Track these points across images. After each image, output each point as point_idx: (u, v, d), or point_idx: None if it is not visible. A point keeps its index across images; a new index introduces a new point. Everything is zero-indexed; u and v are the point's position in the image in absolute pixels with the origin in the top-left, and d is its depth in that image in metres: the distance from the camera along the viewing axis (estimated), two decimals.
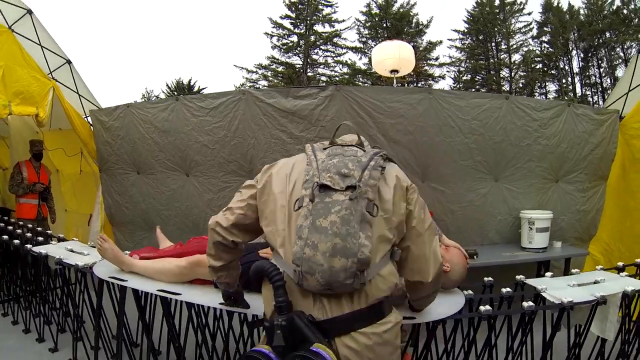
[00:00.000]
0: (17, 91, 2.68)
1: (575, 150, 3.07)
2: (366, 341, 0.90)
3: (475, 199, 2.88)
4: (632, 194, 3.11)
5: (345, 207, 0.88)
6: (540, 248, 2.83)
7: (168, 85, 21.50)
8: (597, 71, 15.31)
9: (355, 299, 0.90)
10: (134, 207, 3.16)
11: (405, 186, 0.98)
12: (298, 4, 15.97)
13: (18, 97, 2.69)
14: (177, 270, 1.59)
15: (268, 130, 2.78)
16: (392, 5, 16.54)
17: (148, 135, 2.99)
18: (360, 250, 0.87)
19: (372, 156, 0.96)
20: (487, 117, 2.76)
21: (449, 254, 1.64)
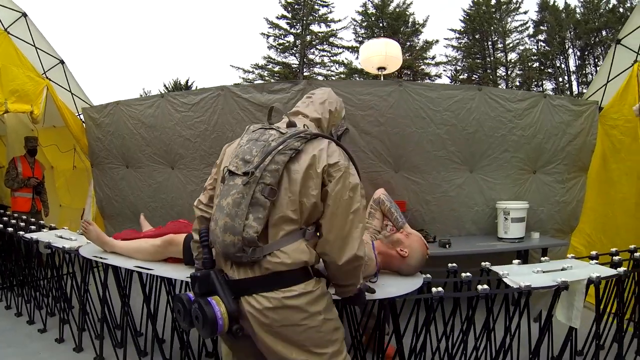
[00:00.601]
0: (13, 90, 2.73)
1: (552, 141, 2.93)
2: (266, 303, 0.95)
3: (450, 190, 2.78)
4: (613, 185, 2.96)
5: (238, 191, 0.94)
6: (516, 238, 2.71)
7: (165, 86, 20.77)
8: (593, 69, 14.76)
9: (255, 268, 0.96)
10: (123, 200, 3.16)
11: (323, 167, 0.96)
12: (294, 4, 15.56)
13: (14, 95, 2.73)
14: (152, 249, 1.64)
15: (245, 124, 2.62)
16: (388, 5, 16.11)
17: (136, 131, 2.99)
18: (245, 230, 0.92)
19: (284, 140, 0.96)
20: (459, 108, 2.66)
21: (409, 239, 1.60)
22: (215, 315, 0.92)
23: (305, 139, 0.98)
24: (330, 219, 0.97)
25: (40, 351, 2.16)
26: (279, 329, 0.98)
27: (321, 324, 1.02)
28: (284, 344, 0.99)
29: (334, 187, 0.95)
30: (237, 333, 0.96)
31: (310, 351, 1.02)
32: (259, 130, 1.04)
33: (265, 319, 0.96)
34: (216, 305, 0.93)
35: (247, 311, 0.97)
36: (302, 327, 0.99)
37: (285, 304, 0.96)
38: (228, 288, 0.96)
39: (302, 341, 1.00)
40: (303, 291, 0.98)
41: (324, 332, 1.03)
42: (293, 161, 0.95)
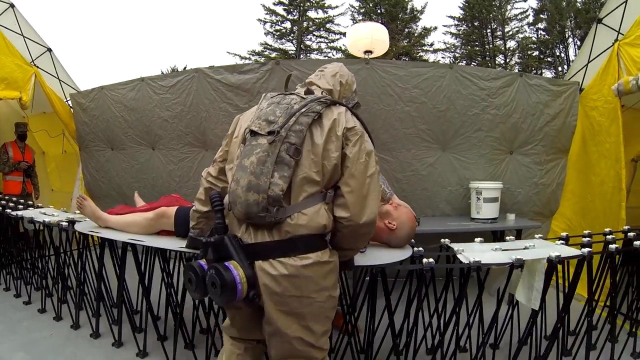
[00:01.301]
0: (2, 77, 2.71)
1: (529, 121, 2.72)
2: (282, 270, 0.90)
3: (421, 168, 2.61)
4: (591, 168, 2.72)
5: (263, 150, 0.90)
6: (488, 219, 2.52)
7: (163, 72, 19.89)
8: None
9: (275, 231, 0.91)
10: (109, 181, 3.12)
11: (342, 130, 0.94)
12: None
13: (3, 82, 2.71)
14: (145, 222, 1.59)
15: (217, 104, 2.66)
16: None
17: (119, 114, 2.94)
18: (270, 188, 0.88)
19: (306, 103, 0.94)
20: (429, 85, 2.49)
21: (397, 211, 1.49)
22: (235, 280, 0.86)
23: (326, 104, 0.96)
24: (349, 180, 0.93)
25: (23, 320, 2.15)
26: (288, 299, 0.92)
27: (326, 299, 0.98)
28: (285, 315, 0.94)
29: (352, 150, 0.93)
30: (253, 299, 0.90)
31: (308, 327, 0.97)
32: (278, 96, 1.01)
33: (277, 287, 0.91)
34: (234, 269, 0.87)
35: (260, 277, 0.91)
36: (310, 299, 0.94)
37: (300, 272, 0.91)
38: (243, 253, 0.91)
39: (305, 314, 0.95)
40: (318, 260, 0.93)
41: (325, 309, 0.99)
42: (315, 124, 0.93)
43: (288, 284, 0.91)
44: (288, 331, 0.95)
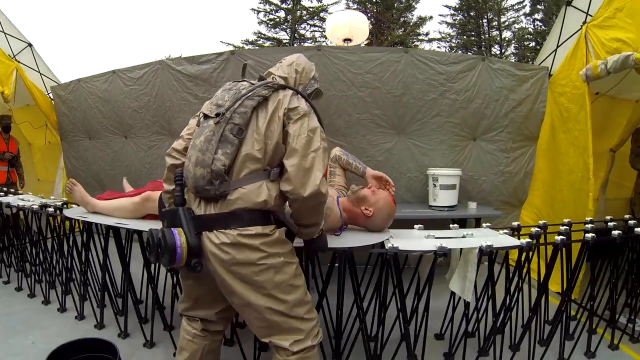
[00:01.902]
0: None
1: (492, 106, 2.53)
2: (224, 238, 0.93)
3: (378, 154, 2.48)
4: (560, 156, 2.51)
5: (210, 130, 0.95)
6: (445, 206, 2.35)
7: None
8: None
9: (220, 204, 0.95)
10: (88, 170, 3.13)
11: (284, 111, 0.97)
12: None
13: None
14: (132, 207, 1.57)
15: (179, 94, 2.62)
16: None
17: (94, 105, 2.94)
18: (214, 163, 0.92)
19: (253, 88, 0.98)
20: (382, 70, 2.35)
21: (375, 197, 1.41)
22: (175, 243, 0.89)
23: (273, 88, 0.99)
24: (291, 155, 0.95)
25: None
26: (237, 267, 0.93)
27: (282, 265, 0.97)
28: (242, 284, 0.95)
29: (293, 127, 0.96)
30: (195, 267, 0.92)
31: (271, 295, 0.96)
32: (232, 83, 1.06)
33: (224, 255, 0.93)
34: (177, 235, 0.90)
35: (207, 247, 0.94)
36: (260, 266, 0.94)
37: (239, 241, 0.92)
38: (192, 223, 0.94)
39: (262, 283, 0.95)
40: (260, 232, 0.94)
41: (286, 276, 0.98)
42: (260, 106, 0.97)
43: (233, 251, 0.92)
44: (251, 299, 0.95)
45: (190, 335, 1.11)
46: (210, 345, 1.12)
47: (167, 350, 1.56)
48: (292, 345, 0.98)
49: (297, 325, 1.00)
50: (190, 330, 1.11)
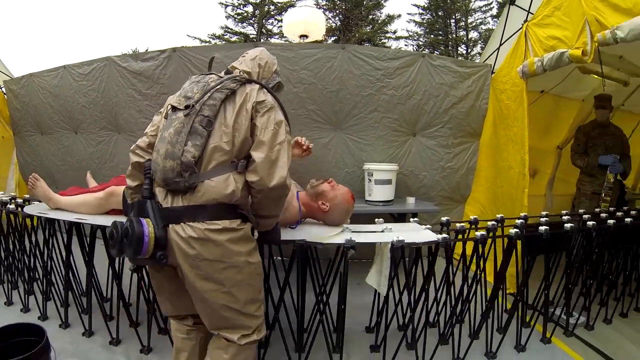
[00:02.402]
0: None
1: (432, 102, 2.60)
2: (191, 232, 0.94)
3: (314, 149, 2.47)
4: (501, 153, 2.58)
5: (179, 122, 0.96)
6: (380, 201, 2.40)
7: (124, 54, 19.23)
8: None
9: (188, 196, 0.96)
10: (40, 165, 3.17)
11: (252, 104, 1.00)
12: None
13: None
14: (96, 202, 1.57)
15: (124, 90, 2.66)
16: None
17: (45, 100, 2.98)
18: (184, 155, 0.94)
19: (221, 81, 1.00)
20: (318, 66, 2.41)
21: (333, 192, 1.45)
22: (143, 232, 0.91)
23: (240, 82, 1.02)
24: (258, 146, 0.98)
25: None
26: (202, 263, 0.96)
27: (243, 265, 1.01)
28: (204, 280, 0.98)
29: (261, 120, 0.99)
30: (160, 259, 0.94)
31: (229, 292, 1.00)
32: (199, 76, 1.08)
33: (190, 250, 0.95)
34: (146, 225, 0.92)
35: (174, 240, 0.96)
36: (223, 264, 0.98)
37: (208, 236, 0.95)
38: (160, 216, 0.96)
39: (222, 280, 0.98)
40: (227, 227, 0.97)
41: (245, 275, 1.02)
42: (229, 99, 1.00)
43: (200, 248, 0.94)
44: (209, 296, 0.99)
45: (184, 332, 1.15)
46: (205, 337, 1.16)
47: (134, 347, 1.58)
48: (240, 338, 1.05)
49: (247, 323, 1.05)
50: (183, 328, 1.16)
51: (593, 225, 1.72)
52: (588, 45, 1.91)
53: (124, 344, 1.62)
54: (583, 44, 1.94)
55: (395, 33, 14.01)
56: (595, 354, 1.67)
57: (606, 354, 1.65)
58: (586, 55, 1.92)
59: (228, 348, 1.05)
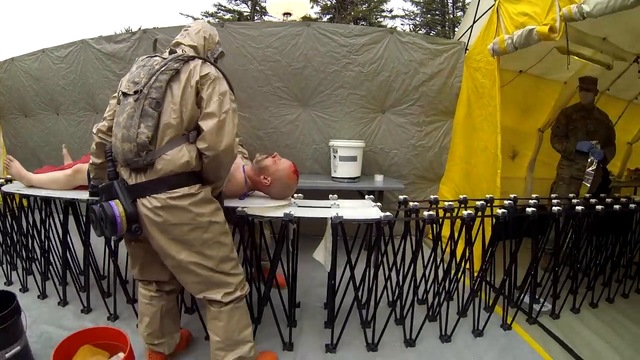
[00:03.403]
0: None
1: (401, 79, 2.64)
2: (155, 203, 1.06)
3: (281, 126, 2.63)
4: (475, 132, 2.58)
5: (131, 107, 1.06)
6: (345, 178, 2.47)
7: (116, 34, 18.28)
8: None
9: (148, 172, 1.08)
10: (25, 146, 3.35)
11: (196, 79, 1.08)
12: None
13: None
14: (65, 179, 1.67)
15: (100, 72, 2.81)
16: None
17: (27, 83, 3.14)
18: (138, 137, 1.04)
19: (165, 63, 1.08)
20: (283, 44, 2.48)
21: (275, 166, 1.50)
22: (114, 214, 1.03)
23: (183, 61, 1.09)
24: (205, 117, 1.07)
25: None
26: (169, 227, 1.07)
27: (208, 225, 1.11)
28: (174, 243, 1.09)
29: (206, 92, 1.07)
30: (136, 232, 1.07)
31: (200, 252, 1.11)
32: (145, 59, 1.16)
33: (157, 217, 1.07)
34: (115, 206, 1.04)
35: (142, 212, 1.07)
36: (189, 226, 1.09)
37: (169, 203, 1.06)
38: (127, 193, 1.07)
39: (191, 241, 1.09)
40: (186, 193, 1.08)
41: (212, 234, 1.12)
42: (174, 79, 1.08)
43: (165, 215, 1.06)
44: (182, 257, 1.10)
45: (147, 298, 1.29)
46: (166, 305, 1.31)
47: (132, 321, 1.65)
48: (224, 297, 1.16)
49: (225, 280, 1.17)
50: (147, 294, 1.29)
51: (558, 210, 1.68)
52: (557, 21, 1.87)
53: (122, 319, 1.70)
54: (552, 20, 1.91)
55: (391, 12, 13.84)
56: (555, 343, 1.64)
57: (566, 344, 1.61)
58: (554, 32, 1.89)
59: (220, 315, 1.18)
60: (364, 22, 12.91)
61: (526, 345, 1.62)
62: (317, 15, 13.10)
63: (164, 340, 1.33)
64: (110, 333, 1.29)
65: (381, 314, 1.67)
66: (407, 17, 14.16)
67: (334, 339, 1.51)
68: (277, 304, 1.61)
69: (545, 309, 1.86)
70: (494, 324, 1.73)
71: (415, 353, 1.53)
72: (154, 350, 1.34)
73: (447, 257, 1.70)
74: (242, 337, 1.22)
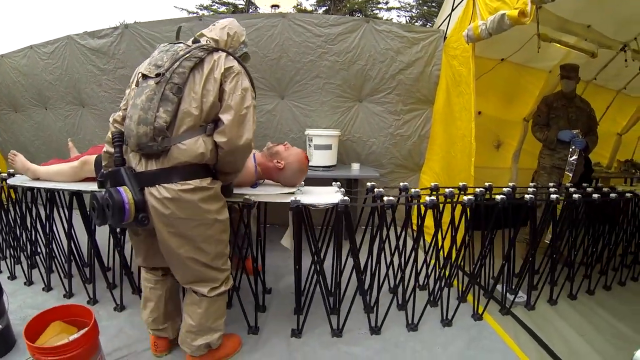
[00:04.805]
0: None
1: (377, 68, 2.75)
2: (165, 193, 1.07)
3: (259, 116, 2.76)
4: (454, 121, 2.64)
5: (151, 89, 1.07)
6: (320, 166, 2.60)
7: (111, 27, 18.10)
8: None
9: (161, 160, 1.09)
10: (16, 141, 3.54)
11: (221, 71, 1.11)
12: None
13: None
14: (71, 171, 1.71)
15: (85, 66, 2.97)
16: None
17: (16, 79, 3.32)
18: (156, 120, 1.04)
19: (190, 50, 1.11)
20: (259, 35, 2.61)
21: (287, 152, 1.61)
22: (123, 201, 1.03)
23: (208, 51, 1.13)
24: (227, 110, 1.11)
25: None
26: (175, 221, 1.09)
27: (213, 222, 1.16)
28: (176, 237, 1.12)
29: (229, 86, 1.11)
30: (142, 221, 1.07)
31: (199, 248, 1.15)
32: (168, 45, 1.18)
33: (165, 210, 1.08)
34: (124, 193, 1.05)
35: (150, 202, 1.09)
36: (195, 221, 1.12)
37: (181, 196, 1.08)
38: (135, 180, 1.08)
39: (194, 236, 1.13)
40: (198, 186, 1.11)
41: (215, 231, 1.17)
42: (197, 67, 1.10)
43: (174, 207, 1.08)
44: (181, 251, 1.13)
45: (152, 282, 1.33)
46: (170, 289, 1.35)
47: (137, 312, 1.66)
48: (210, 291, 1.22)
49: (215, 275, 1.22)
50: (151, 278, 1.33)
51: (530, 198, 1.73)
52: (528, 5, 1.90)
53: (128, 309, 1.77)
54: (523, 3, 1.94)
55: (387, 4, 13.90)
56: (526, 334, 1.63)
57: (539, 337, 1.59)
58: (525, 16, 1.91)
59: (201, 302, 1.24)
60: (360, 14, 13.00)
61: (496, 336, 1.62)
62: (313, 8, 13.21)
63: (167, 325, 1.38)
64: (78, 310, 1.38)
65: (349, 300, 1.70)
66: (402, 8, 14.20)
67: (300, 325, 1.58)
68: (247, 288, 1.69)
69: (520, 300, 1.87)
70: (464, 314, 1.75)
71: (380, 341, 1.57)
72: (158, 336, 1.40)
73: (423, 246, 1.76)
74: (215, 326, 1.29)
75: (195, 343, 1.28)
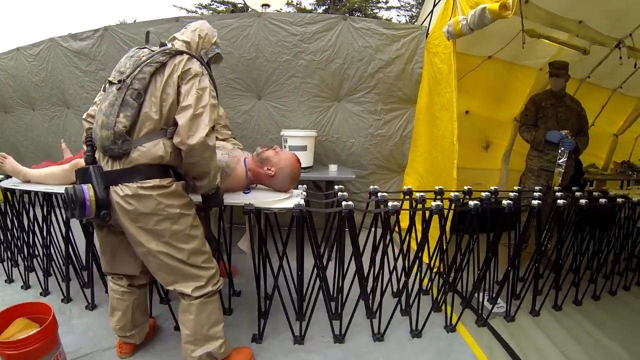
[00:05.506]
0: None
1: (356, 66, 2.73)
2: (127, 191, 1.14)
3: (237, 116, 2.78)
4: (435, 121, 2.58)
5: (113, 95, 1.13)
6: None
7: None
8: None
9: (123, 160, 1.16)
10: (6, 142, 3.66)
11: (178, 74, 1.15)
12: None
13: None
14: (62, 174, 1.72)
15: (68, 68, 3.05)
16: None
17: (5, 81, 3.44)
18: (116, 125, 1.11)
19: (152, 55, 1.15)
20: (235, 35, 2.63)
21: (277, 157, 1.58)
22: (84, 197, 1.10)
23: (170, 54, 1.17)
24: (181, 110, 1.15)
25: None
26: (139, 216, 1.15)
27: (178, 217, 1.19)
28: (144, 232, 1.17)
29: (185, 87, 1.15)
30: (104, 218, 1.14)
31: (169, 243, 1.19)
32: (134, 50, 1.23)
33: (128, 206, 1.15)
34: (86, 190, 1.12)
35: (114, 199, 1.15)
36: (158, 216, 1.16)
37: (139, 192, 1.14)
38: (101, 179, 1.14)
39: (161, 232, 1.17)
40: (157, 184, 1.16)
41: (182, 226, 1.20)
42: (158, 72, 1.15)
43: (135, 203, 1.14)
44: (151, 246, 1.17)
45: (119, 293, 1.36)
46: (137, 299, 1.39)
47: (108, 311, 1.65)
48: (194, 291, 1.23)
49: (196, 273, 1.24)
50: (118, 289, 1.37)
51: (508, 204, 1.65)
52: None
53: (99, 308, 1.79)
54: None
55: (387, 3, 13.85)
56: (501, 348, 1.53)
57: (513, 351, 1.50)
58: (507, 9, 1.85)
59: (190, 308, 1.25)
60: (359, 14, 12.95)
61: (467, 349, 1.54)
62: (312, 7, 13.22)
63: (135, 332, 1.43)
64: (41, 307, 1.44)
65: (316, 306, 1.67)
66: (402, 7, 14.09)
67: (261, 329, 1.58)
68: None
69: (499, 310, 1.78)
70: (437, 325, 1.68)
71: (342, 350, 1.54)
72: (125, 342, 1.44)
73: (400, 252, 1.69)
74: (212, 333, 1.29)
75: (195, 354, 1.28)
